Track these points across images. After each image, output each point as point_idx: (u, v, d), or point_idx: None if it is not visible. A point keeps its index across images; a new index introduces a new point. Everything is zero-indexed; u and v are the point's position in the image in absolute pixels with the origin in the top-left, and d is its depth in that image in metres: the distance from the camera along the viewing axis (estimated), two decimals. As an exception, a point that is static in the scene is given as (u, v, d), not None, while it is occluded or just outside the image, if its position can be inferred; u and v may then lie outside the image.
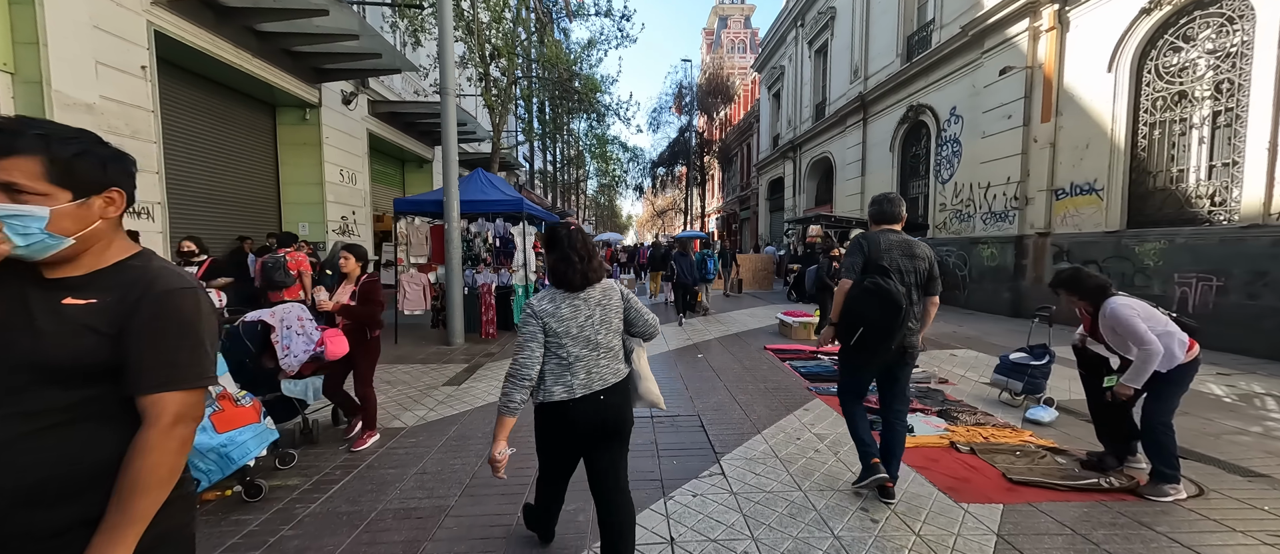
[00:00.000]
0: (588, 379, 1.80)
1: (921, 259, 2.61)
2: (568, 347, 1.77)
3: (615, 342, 1.90)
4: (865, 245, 2.62)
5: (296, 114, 9.71)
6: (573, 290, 1.82)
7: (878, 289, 2.43)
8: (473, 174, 7.97)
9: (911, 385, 4.74)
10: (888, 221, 2.69)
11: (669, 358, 6.21)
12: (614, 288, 1.92)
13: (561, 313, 1.78)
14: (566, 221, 2.04)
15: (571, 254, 1.81)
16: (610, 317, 1.87)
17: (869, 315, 2.45)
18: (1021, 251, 9.21)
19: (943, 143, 11.47)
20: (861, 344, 2.51)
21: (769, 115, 24.70)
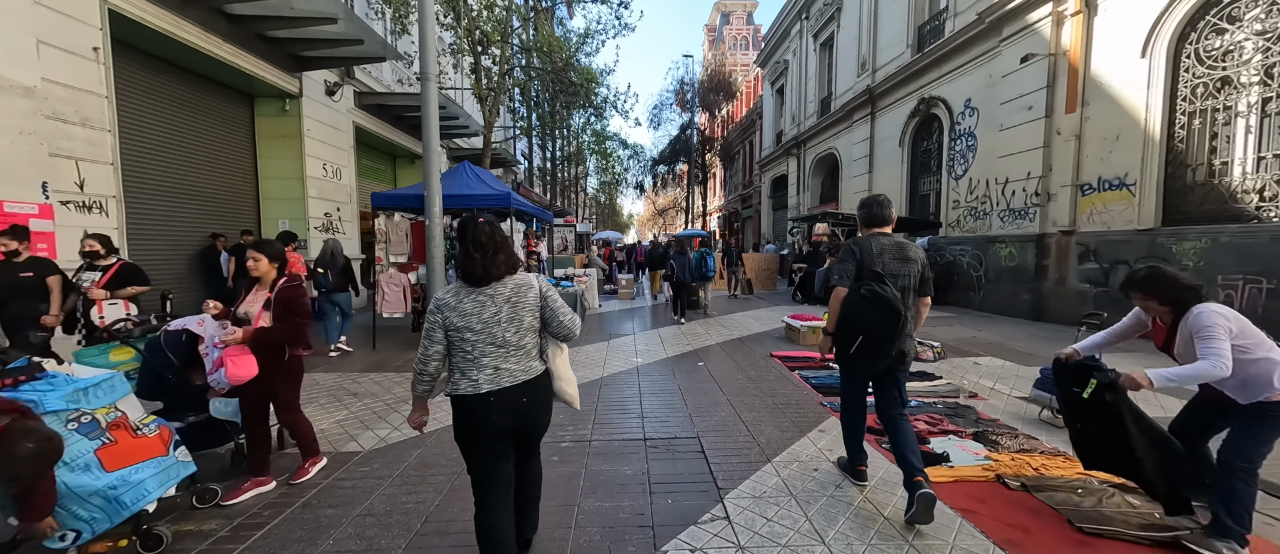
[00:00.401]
0: (495, 375, 1.79)
1: (914, 261, 2.57)
2: (471, 341, 1.76)
3: (527, 340, 1.86)
4: (857, 251, 2.56)
5: (275, 105, 9.21)
6: (476, 285, 1.79)
7: (876, 296, 2.37)
8: (458, 167, 7.45)
9: (939, 401, 4.25)
10: (878, 224, 2.64)
11: (667, 366, 5.69)
12: (530, 285, 1.88)
13: (464, 307, 1.77)
14: (476, 214, 1.94)
15: (473, 249, 1.78)
16: (521, 314, 1.83)
17: (868, 323, 2.40)
18: (1043, 251, 8.66)
19: (956, 137, 10.92)
20: (861, 352, 2.45)
21: (772, 111, 24.15)
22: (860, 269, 2.53)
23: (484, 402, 1.77)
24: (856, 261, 2.55)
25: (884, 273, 2.46)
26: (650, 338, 7.45)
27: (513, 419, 1.82)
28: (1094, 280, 7.74)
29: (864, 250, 2.54)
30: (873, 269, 2.47)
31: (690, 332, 7.96)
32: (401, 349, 6.56)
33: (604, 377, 5.21)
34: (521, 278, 1.88)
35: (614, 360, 5.94)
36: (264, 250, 2.80)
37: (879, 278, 2.44)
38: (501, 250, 1.82)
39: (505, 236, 1.87)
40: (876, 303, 2.37)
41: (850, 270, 2.55)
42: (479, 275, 1.79)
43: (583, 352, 6.43)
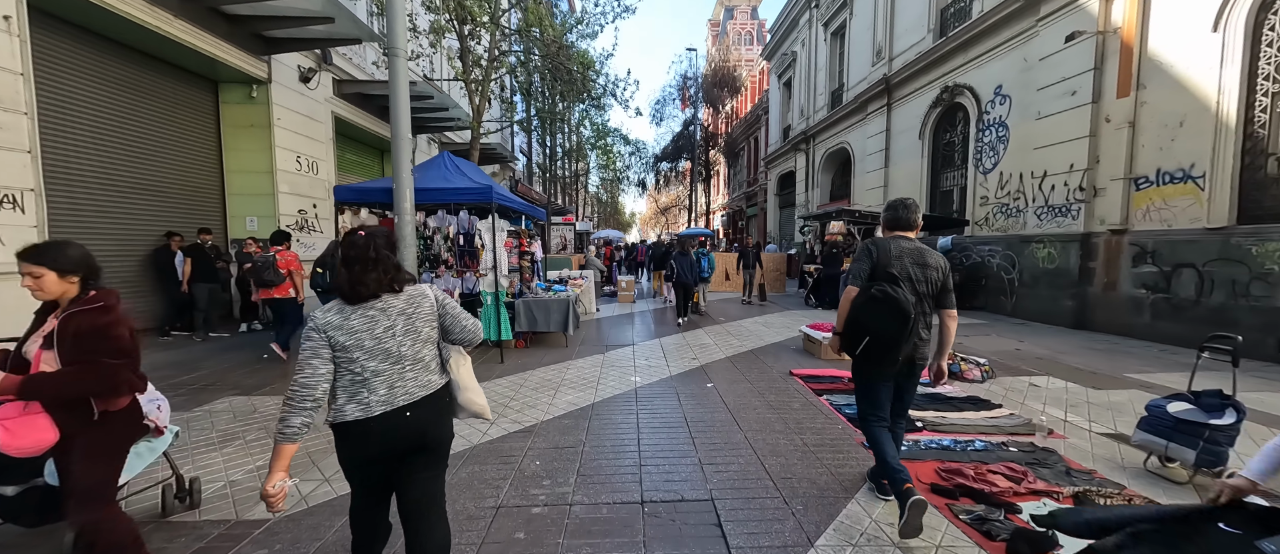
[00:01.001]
0: (389, 395, 1.66)
1: (934, 268, 2.47)
2: (361, 361, 1.63)
3: (426, 352, 1.77)
4: (874, 251, 2.50)
5: (241, 91, 8.42)
6: (363, 300, 1.66)
7: (884, 297, 2.32)
8: (435, 158, 6.64)
9: (1011, 441, 3.42)
10: (902, 228, 2.57)
11: (670, 387, 4.86)
12: (424, 294, 1.80)
13: (351, 325, 1.63)
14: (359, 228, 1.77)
15: (356, 264, 1.65)
16: (418, 325, 1.74)
17: (875, 324, 2.34)
18: (1088, 252, 7.79)
19: (984, 127, 10.05)
20: (867, 354, 2.42)
21: (779, 105, 23.26)
22: (874, 270, 2.46)
23: (377, 424, 1.63)
24: (872, 262, 2.48)
25: (900, 276, 2.39)
26: (651, 350, 6.63)
27: (411, 439, 1.70)
28: (1152, 285, 6.88)
29: (881, 251, 2.47)
30: (888, 271, 2.40)
31: (695, 342, 7.13)
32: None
33: (596, 402, 4.39)
34: (415, 288, 1.79)
35: (609, 379, 5.12)
36: (47, 258, 1.81)
37: (892, 279, 2.37)
38: (375, 267, 1.67)
39: (383, 253, 1.71)
40: (885, 304, 2.30)
41: (865, 270, 2.48)
42: (366, 291, 1.65)
43: (573, 368, 5.61)
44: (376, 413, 1.63)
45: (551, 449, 3.37)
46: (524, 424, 3.86)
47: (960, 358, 5.27)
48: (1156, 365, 5.65)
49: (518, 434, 3.66)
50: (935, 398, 4.43)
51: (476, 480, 2.93)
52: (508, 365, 5.74)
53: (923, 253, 2.49)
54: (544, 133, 23.14)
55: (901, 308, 2.28)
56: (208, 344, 6.87)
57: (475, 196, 5.83)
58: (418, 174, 6.32)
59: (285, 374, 5.32)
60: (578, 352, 6.49)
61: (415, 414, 1.69)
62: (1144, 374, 5.26)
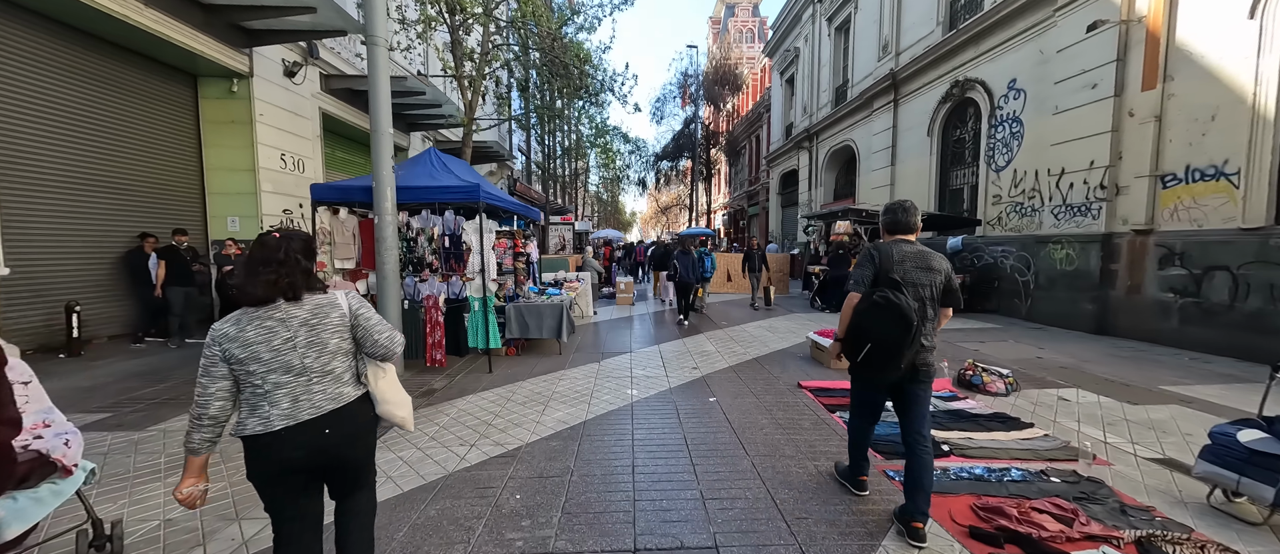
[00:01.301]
0: (293, 408, 1.59)
1: (937, 272, 2.41)
2: (260, 374, 1.56)
3: (336, 364, 1.68)
4: (876, 256, 2.45)
5: (221, 85, 8.05)
6: (256, 303, 1.59)
7: (887, 303, 2.27)
8: (421, 154, 6.28)
9: (1050, 470, 3.05)
10: (902, 231, 2.52)
11: (669, 401, 4.49)
12: (333, 303, 1.71)
13: (247, 336, 1.56)
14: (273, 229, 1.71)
15: (259, 267, 1.59)
16: (324, 337, 1.65)
17: (877, 331, 2.30)
18: (1110, 253, 7.40)
19: (997, 123, 9.66)
20: (869, 361, 2.36)
21: (781, 103, 22.86)
22: (877, 276, 2.42)
23: (278, 439, 1.56)
24: (874, 267, 2.44)
25: (902, 281, 2.35)
26: (650, 357, 6.26)
27: (317, 455, 1.63)
28: (1181, 289, 6.49)
29: (883, 256, 2.43)
30: (890, 276, 2.37)
31: (696, 349, 6.75)
32: (346, 375, 5.39)
33: (588, 420, 4.02)
34: (324, 297, 1.71)
35: (603, 393, 4.75)
36: None
37: (896, 285, 2.33)
38: (278, 271, 1.60)
39: (294, 257, 1.64)
40: (888, 310, 2.27)
41: (867, 276, 2.45)
42: (262, 296, 1.58)
43: (566, 379, 5.24)
44: (277, 427, 1.56)
45: (535, 479, 3.00)
46: (507, 446, 3.49)
47: (981, 369, 4.89)
48: (1191, 376, 5.27)
49: (499, 459, 3.29)
50: (959, 415, 4.06)
51: (446, 520, 2.56)
52: (496, 376, 5.38)
53: (925, 256, 2.42)
54: (542, 131, 22.75)
55: (904, 314, 2.23)
56: (183, 350, 6.51)
57: (462, 196, 5.46)
58: (401, 172, 5.96)
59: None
60: (572, 360, 6.13)
61: (322, 428, 1.62)
62: (1180, 387, 4.88)
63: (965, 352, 6.41)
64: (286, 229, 1.73)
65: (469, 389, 4.91)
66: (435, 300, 5.49)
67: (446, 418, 4.09)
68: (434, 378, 5.28)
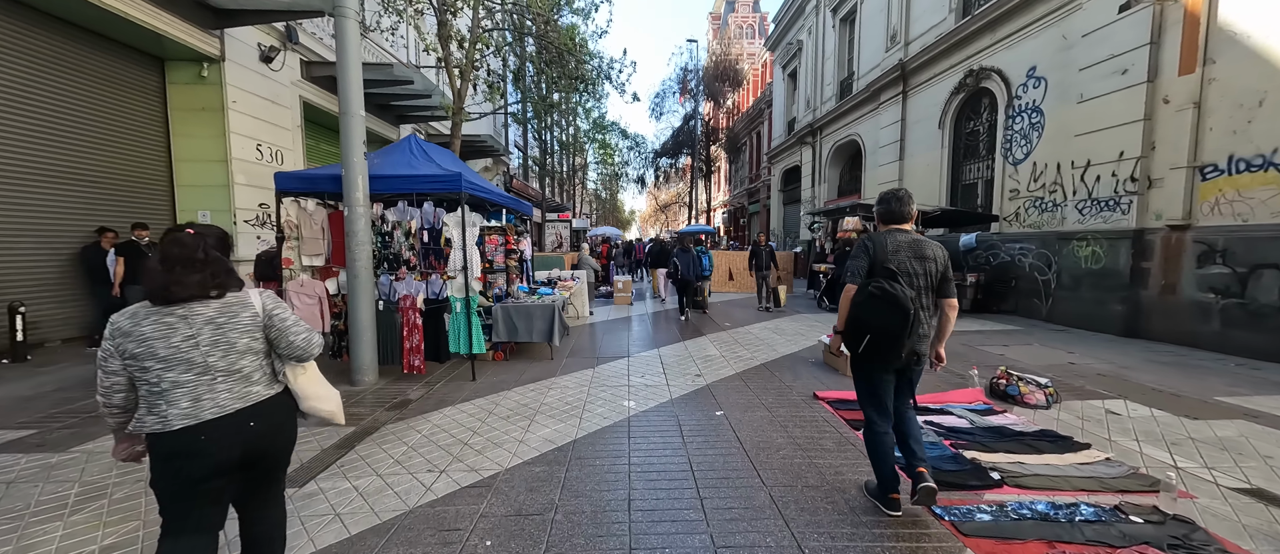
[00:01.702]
0: (193, 408, 1.54)
1: (932, 260, 2.42)
2: (156, 372, 1.51)
3: (246, 363, 1.64)
4: (871, 247, 2.45)
5: (190, 70, 7.52)
6: (179, 302, 1.55)
7: (883, 293, 2.26)
8: (400, 141, 5.77)
9: (1125, 505, 2.57)
10: (897, 221, 2.51)
11: (671, 415, 3.99)
12: (246, 304, 1.66)
13: (142, 332, 1.51)
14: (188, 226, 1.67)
15: (179, 266, 1.56)
16: (232, 336, 1.61)
17: (875, 321, 2.29)
18: (1142, 251, 6.92)
19: (1015, 113, 9.16)
20: (869, 352, 2.36)
21: (784, 97, 22.36)
22: (872, 266, 2.40)
23: (178, 439, 1.51)
24: (870, 258, 2.43)
25: (898, 270, 2.34)
26: (649, 362, 5.76)
27: (221, 457, 1.56)
28: (1223, 289, 6.01)
29: (878, 246, 2.42)
30: (885, 266, 2.35)
31: (699, 353, 6.26)
32: (314, 383, 4.87)
33: (579, 438, 3.52)
34: (236, 296, 1.65)
35: (597, 405, 4.25)
36: None
37: (891, 275, 2.32)
38: (197, 267, 1.57)
39: (212, 254, 1.62)
40: (885, 300, 2.26)
41: (862, 267, 2.43)
42: (160, 293, 1.54)
43: (556, 388, 4.74)
44: (176, 427, 1.51)
45: (512, 517, 2.51)
46: (483, 473, 3.00)
47: (1017, 378, 4.40)
48: (1245, 385, 4.78)
49: (472, 491, 2.79)
50: (1001, 433, 3.57)
51: (396, 578, 2.06)
52: (480, 384, 4.87)
53: (920, 245, 2.43)
54: (539, 126, 22.20)
55: (901, 304, 2.23)
56: (142, 356, 5.99)
57: (442, 186, 4.95)
58: (377, 160, 5.45)
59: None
60: (564, 365, 5.63)
61: (226, 428, 1.57)
62: (1238, 398, 4.39)
63: (989, 357, 5.92)
64: (198, 226, 1.68)
65: (448, 399, 4.41)
66: (413, 301, 4.98)
67: (418, 435, 3.59)
68: (411, 387, 4.78)
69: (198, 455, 1.53)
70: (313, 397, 1.80)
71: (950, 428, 3.64)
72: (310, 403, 1.80)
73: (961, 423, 3.76)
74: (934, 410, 4.03)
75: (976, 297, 9.48)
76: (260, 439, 1.64)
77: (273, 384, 1.71)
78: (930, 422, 3.75)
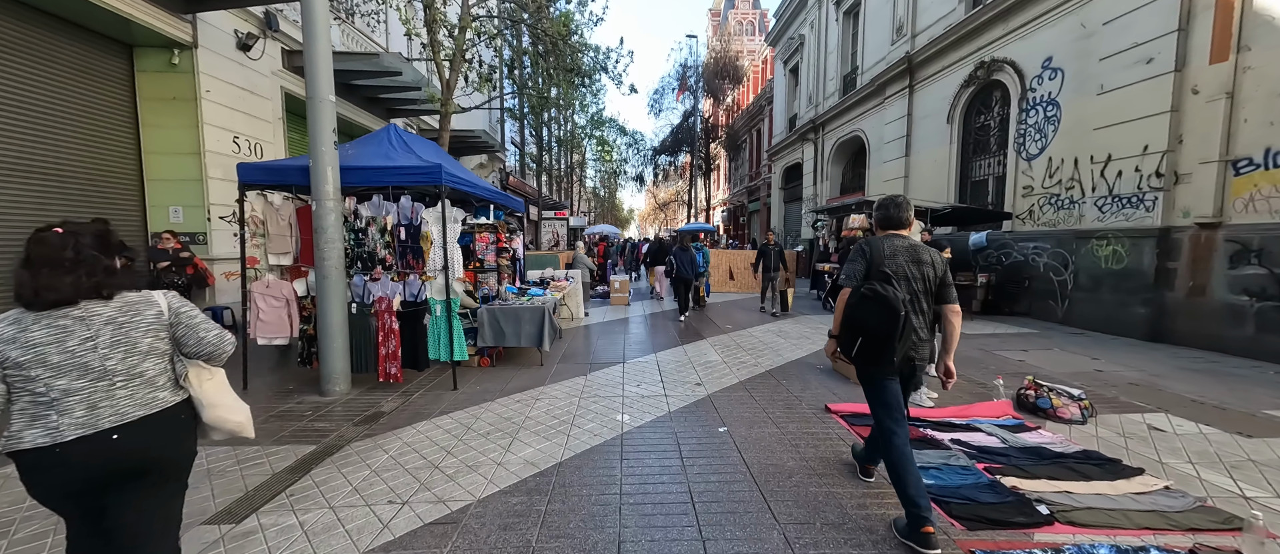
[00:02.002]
0: (90, 416, 1.44)
1: (929, 265, 2.40)
2: (46, 379, 1.41)
3: (148, 366, 1.54)
4: (868, 251, 2.44)
5: (160, 57, 7.10)
6: (51, 307, 1.44)
7: (875, 296, 2.27)
8: (379, 131, 5.37)
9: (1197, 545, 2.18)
10: (895, 226, 2.53)
11: (668, 430, 3.60)
12: (149, 302, 1.58)
13: (30, 338, 1.41)
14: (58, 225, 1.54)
15: (46, 268, 1.44)
16: (134, 336, 1.52)
17: (868, 323, 2.29)
18: (1168, 250, 6.54)
19: (1029, 107, 8.78)
20: (862, 355, 2.36)
21: (785, 94, 21.96)
22: (869, 270, 2.39)
23: (73, 450, 1.39)
24: (866, 262, 2.42)
25: (893, 274, 2.33)
26: (646, 369, 5.37)
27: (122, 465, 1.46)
28: (1258, 291, 5.63)
29: (874, 250, 2.41)
30: (882, 270, 2.34)
31: (699, 358, 5.87)
32: (280, 394, 4.48)
33: (564, 461, 3.13)
34: (137, 295, 1.57)
35: (587, 419, 3.86)
36: None
37: (885, 278, 2.32)
38: (66, 269, 1.44)
39: (87, 254, 1.49)
40: (876, 302, 2.26)
41: (859, 271, 2.42)
42: (29, 299, 1.43)
43: (544, 399, 4.35)
44: (70, 437, 1.40)
45: (478, 565, 2.11)
46: (451, 504, 2.60)
47: (1048, 390, 4.02)
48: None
49: (435, 529, 2.40)
50: (1039, 453, 3.18)
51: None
52: (461, 394, 4.48)
53: (917, 250, 2.41)
54: (536, 121, 21.77)
55: (892, 306, 2.22)
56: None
57: (421, 178, 4.55)
58: (351, 150, 5.06)
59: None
60: (554, 372, 5.23)
61: (128, 436, 1.46)
62: (1289, 410, 4.01)
63: (1008, 363, 5.54)
64: (71, 224, 1.55)
65: (425, 412, 4.01)
66: (389, 303, 4.58)
67: (384, 456, 3.19)
68: (385, 397, 4.38)
69: (94, 466, 1.42)
70: (219, 405, 1.67)
71: (981, 448, 3.26)
72: (216, 412, 1.66)
73: (993, 441, 3.38)
74: (960, 426, 3.65)
75: (987, 298, 9.11)
76: (160, 446, 1.53)
77: (177, 391, 1.61)
78: (958, 440, 3.37)
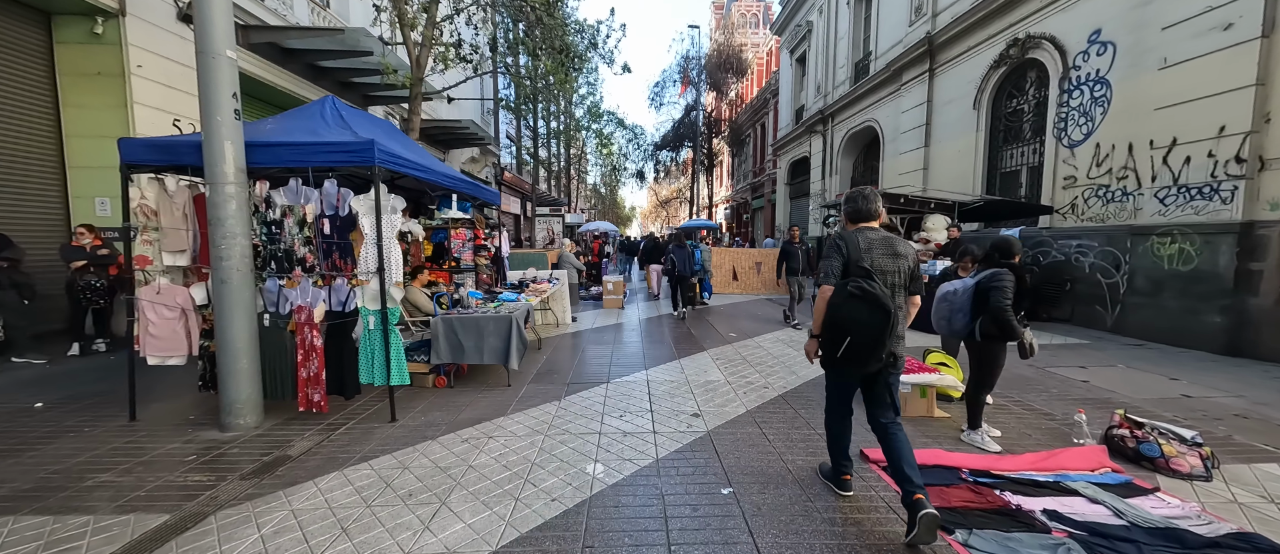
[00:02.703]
0: None
1: (904, 257, 2.39)
2: None
3: None
4: (844, 246, 2.39)
5: (81, 26, 6.21)
6: None
7: (864, 293, 2.21)
8: (312, 104, 4.44)
9: None
10: (867, 218, 2.48)
11: (654, 491, 2.68)
12: None
13: None
14: None
15: None
16: None
17: (857, 323, 2.23)
18: (1251, 248, 5.57)
19: (1073, 87, 7.79)
20: (849, 355, 2.28)
21: (791, 85, 20.95)
22: (847, 265, 2.35)
23: None
24: (843, 257, 2.37)
25: (873, 269, 2.30)
26: (633, 393, 4.44)
27: None
28: (1377, 299, 4.66)
29: (851, 245, 2.37)
30: (861, 265, 2.31)
31: (699, 377, 4.94)
32: (175, 428, 3.57)
33: (499, 549, 2.20)
34: None
35: (547, 471, 2.94)
36: None
37: (867, 274, 2.28)
38: None
39: None
40: (865, 301, 2.21)
41: (837, 267, 2.37)
42: None
43: (500, 435, 3.42)
44: None
45: None
46: (309, 641, 1.67)
47: (1155, 433, 3.07)
48: None
49: None
50: (1180, 539, 2.22)
51: None
52: (398, 429, 3.56)
53: (892, 242, 2.38)
54: (531, 110, 20.80)
55: (882, 304, 2.17)
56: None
57: (349, 157, 3.61)
58: (272, 125, 4.14)
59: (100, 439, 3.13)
60: (523, 395, 4.31)
61: None
62: None
63: (1070, 385, 4.59)
64: None
65: (341, 457, 3.10)
66: (309, 314, 3.66)
67: (253, 536, 2.28)
68: (301, 433, 3.47)
69: None
70: None
71: (1087, 525, 2.32)
72: None
73: (1101, 513, 2.43)
74: (1048, 486, 2.70)
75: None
76: None
77: None
78: (1053, 512, 2.43)
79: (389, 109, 12.72)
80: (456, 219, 8.36)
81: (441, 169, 4.88)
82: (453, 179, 5.12)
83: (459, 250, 8.05)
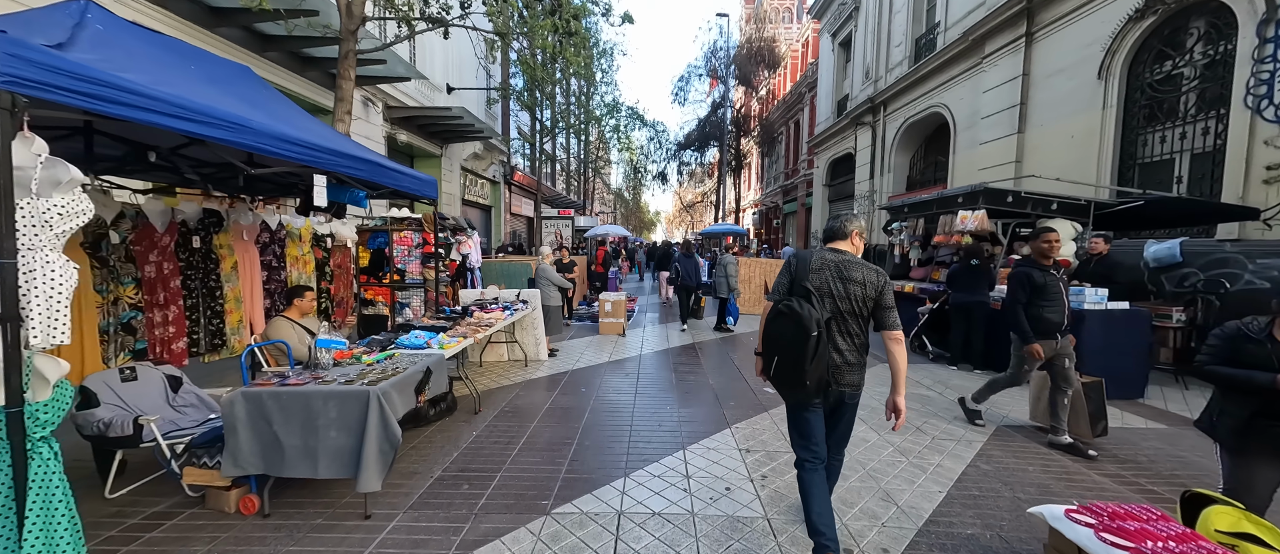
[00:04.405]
0: None
1: (858, 282, 2.16)
2: None
3: None
4: (794, 263, 2.29)
5: None
6: None
7: (789, 312, 2.13)
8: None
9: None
10: (834, 239, 2.33)
11: None
12: None
13: None
14: None
15: None
16: None
17: (780, 341, 2.15)
18: None
19: (1273, 40, 5.27)
20: (777, 376, 2.20)
21: (832, 73, 18.49)
22: (793, 284, 2.26)
23: None
24: (790, 276, 2.28)
25: (815, 290, 2.17)
26: (598, 539, 2.29)
27: None
28: None
29: (800, 264, 2.26)
30: (803, 284, 2.21)
31: (720, 511, 2.76)
32: None
33: None
34: None
35: None
36: None
37: (805, 294, 2.18)
38: None
39: None
40: (789, 319, 2.12)
41: (784, 285, 2.29)
42: None
43: None
44: None
45: None
46: None
47: None
48: None
49: None
50: None
51: None
52: None
53: (847, 266, 2.19)
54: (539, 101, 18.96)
55: (803, 323, 2.05)
56: None
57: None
58: None
59: None
60: (386, 538, 2.22)
61: None
62: None
63: None
64: None
65: None
66: None
67: None
68: None
69: None
70: None
71: None
72: None
73: None
74: None
75: (1185, 344, 5.61)
76: None
77: None
78: None
79: (368, 91, 10.94)
80: (400, 220, 6.42)
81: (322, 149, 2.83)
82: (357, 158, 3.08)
83: (403, 260, 6.08)
